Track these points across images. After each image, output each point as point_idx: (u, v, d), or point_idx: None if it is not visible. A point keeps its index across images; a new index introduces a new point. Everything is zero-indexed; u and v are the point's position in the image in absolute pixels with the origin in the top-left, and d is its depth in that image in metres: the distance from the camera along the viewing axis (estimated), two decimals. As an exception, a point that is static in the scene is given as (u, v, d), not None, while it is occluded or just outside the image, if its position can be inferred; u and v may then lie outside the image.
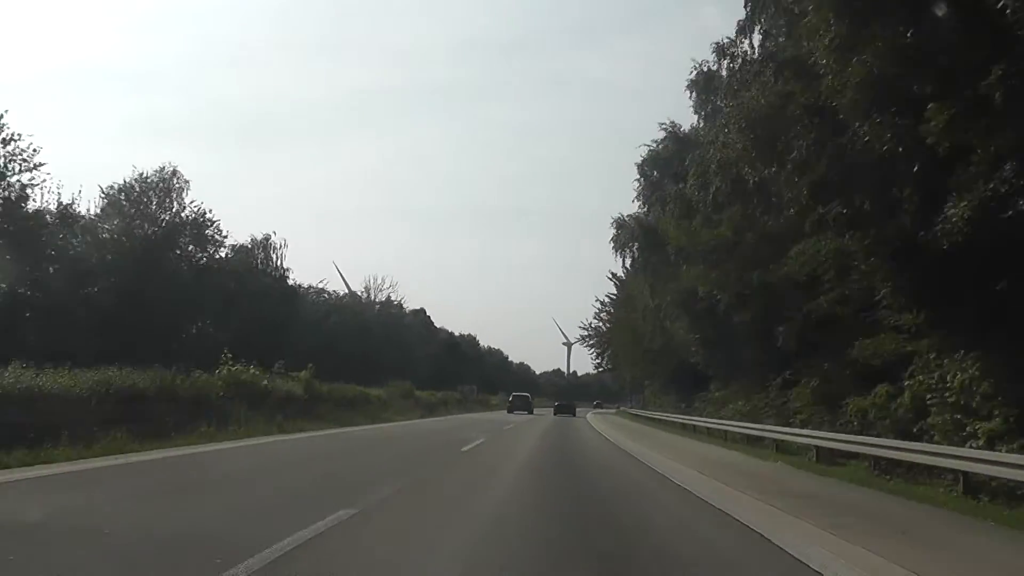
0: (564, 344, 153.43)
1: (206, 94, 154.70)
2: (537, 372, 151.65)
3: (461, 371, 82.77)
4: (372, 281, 77.67)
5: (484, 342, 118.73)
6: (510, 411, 57.14)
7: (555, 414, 58.22)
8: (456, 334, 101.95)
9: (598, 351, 74.35)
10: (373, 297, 76.69)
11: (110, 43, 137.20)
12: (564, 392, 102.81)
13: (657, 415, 41.79)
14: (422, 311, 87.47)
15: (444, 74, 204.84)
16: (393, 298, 78.56)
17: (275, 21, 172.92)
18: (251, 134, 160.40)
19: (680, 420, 33.16)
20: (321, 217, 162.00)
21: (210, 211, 38.79)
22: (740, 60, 27.09)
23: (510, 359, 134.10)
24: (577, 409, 66.16)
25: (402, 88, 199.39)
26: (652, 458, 17.50)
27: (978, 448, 11.21)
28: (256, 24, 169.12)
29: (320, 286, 67.84)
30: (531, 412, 58.46)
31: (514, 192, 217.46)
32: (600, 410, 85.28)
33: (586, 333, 75.61)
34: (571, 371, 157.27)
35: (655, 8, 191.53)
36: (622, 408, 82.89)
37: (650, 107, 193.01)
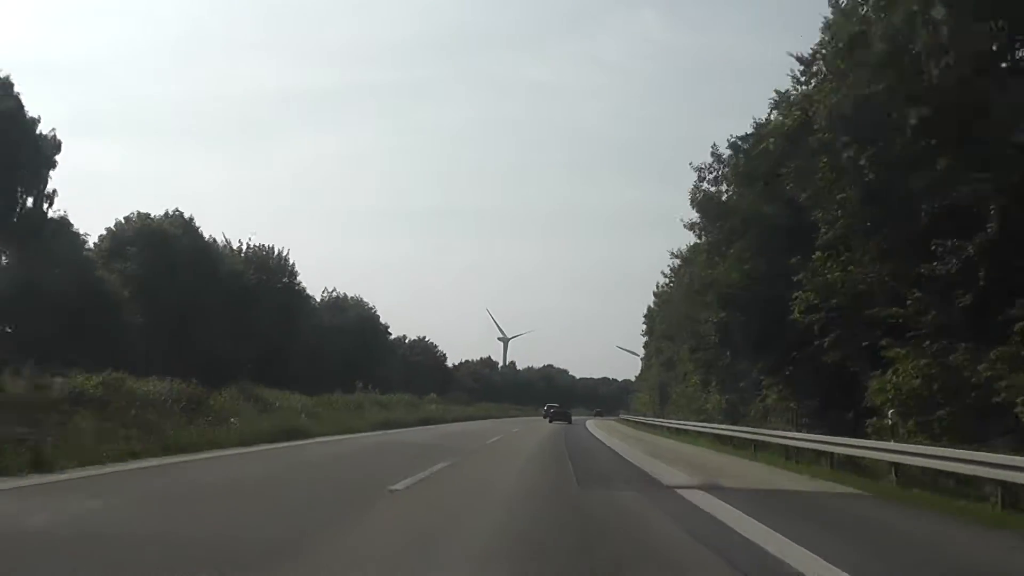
0: (500, 340, 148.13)
1: (135, 91, 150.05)
2: (455, 362, 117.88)
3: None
4: None
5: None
6: (550, 421, 57.58)
7: (550, 422, 55.93)
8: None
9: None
10: None
11: (35, 37, 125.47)
12: (499, 389, 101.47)
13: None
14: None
15: (379, 75, 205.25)
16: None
17: (208, 16, 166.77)
18: (181, 132, 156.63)
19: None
20: (252, 214, 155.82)
21: None
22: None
23: (394, 333, 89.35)
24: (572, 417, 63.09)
25: (337, 88, 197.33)
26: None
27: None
28: (185, 21, 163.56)
29: None
30: (569, 421, 57.83)
31: (445, 192, 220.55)
32: (601, 419, 74.91)
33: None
34: (508, 362, 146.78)
35: (593, 11, 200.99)
36: (623, 416, 72.85)
37: (588, 107, 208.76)
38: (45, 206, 40.64)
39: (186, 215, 51.46)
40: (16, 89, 38.99)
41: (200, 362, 36.49)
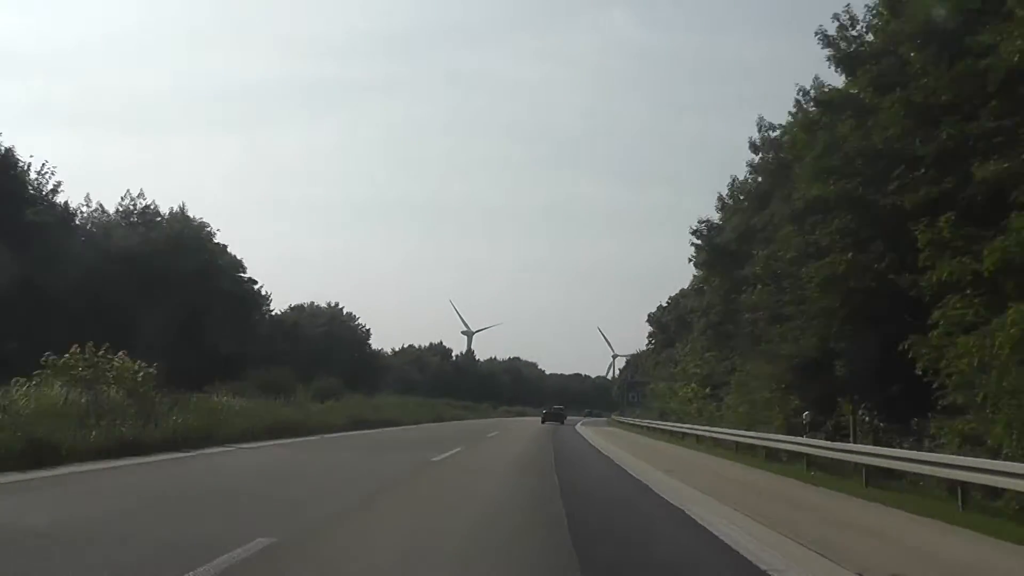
0: (464, 333, 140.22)
1: (91, 82, 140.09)
2: (389, 350, 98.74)
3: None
4: None
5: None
6: (543, 422, 54.93)
7: (543, 422, 54.61)
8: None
9: None
10: None
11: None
12: (452, 382, 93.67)
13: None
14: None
15: (330, 69, 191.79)
16: None
17: (166, 9, 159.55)
18: (134, 125, 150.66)
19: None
20: (195, 205, 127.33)
21: None
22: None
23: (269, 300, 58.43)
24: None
25: (288, 81, 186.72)
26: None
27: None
28: (143, 13, 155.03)
29: None
30: (562, 422, 56.03)
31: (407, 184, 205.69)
32: (591, 418, 74.00)
33: None
34: (469, 351, 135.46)
35: (561, 8, 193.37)
36: (615, 417, 65.73)
37: (551, 101, 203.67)
38: None
39: None
40: None
41: None
